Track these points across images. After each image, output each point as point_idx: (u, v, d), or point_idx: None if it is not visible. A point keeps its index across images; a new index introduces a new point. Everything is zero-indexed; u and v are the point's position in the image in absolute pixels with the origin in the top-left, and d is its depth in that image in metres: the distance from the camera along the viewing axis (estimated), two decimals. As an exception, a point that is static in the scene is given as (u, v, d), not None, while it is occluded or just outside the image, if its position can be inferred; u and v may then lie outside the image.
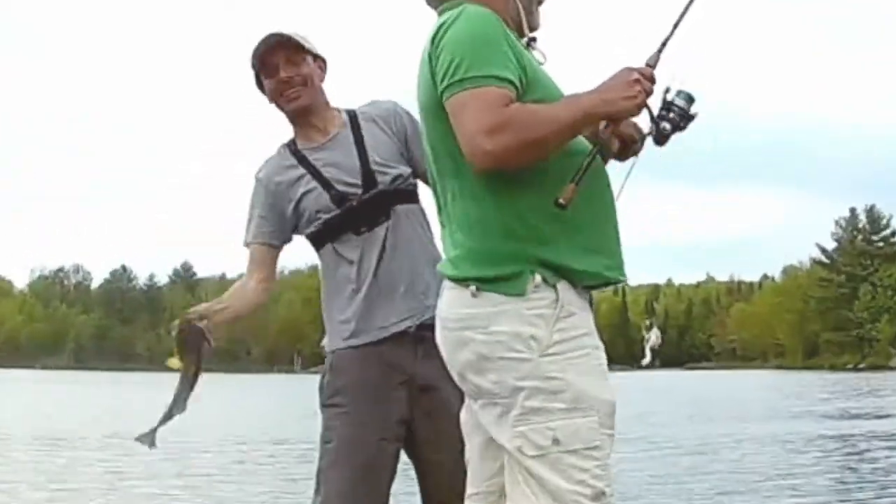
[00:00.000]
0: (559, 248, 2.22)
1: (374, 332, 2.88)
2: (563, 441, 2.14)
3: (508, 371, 2.15)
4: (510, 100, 2.12)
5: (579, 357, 2.19)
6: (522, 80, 2.18)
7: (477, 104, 2.11)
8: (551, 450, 2.14)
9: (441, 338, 2.30)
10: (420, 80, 2.32)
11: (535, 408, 2.14)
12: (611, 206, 2.35)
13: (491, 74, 2.12)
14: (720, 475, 11.69)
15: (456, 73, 2.14)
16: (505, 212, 2.20)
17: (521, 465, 2.18)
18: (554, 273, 2.20)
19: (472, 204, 2.23)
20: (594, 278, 2.27)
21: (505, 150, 2.09)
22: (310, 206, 2.97)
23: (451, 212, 2.29)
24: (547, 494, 2.15)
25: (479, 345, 2.18)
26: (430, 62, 2.24)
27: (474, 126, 2.10)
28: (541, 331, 2.15)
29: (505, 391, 2.16)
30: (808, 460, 13.29)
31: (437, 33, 2.23)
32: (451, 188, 2.28)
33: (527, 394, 2.14)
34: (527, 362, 2.14)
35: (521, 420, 2.15)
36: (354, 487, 2.87)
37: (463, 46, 2.16)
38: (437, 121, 2.26)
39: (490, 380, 2.18)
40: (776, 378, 57.88)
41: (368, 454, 2.88)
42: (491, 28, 2.19)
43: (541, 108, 2.17)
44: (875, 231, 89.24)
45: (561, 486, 2.14)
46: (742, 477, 11.47)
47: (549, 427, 2.13)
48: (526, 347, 2.14)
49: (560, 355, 2.16)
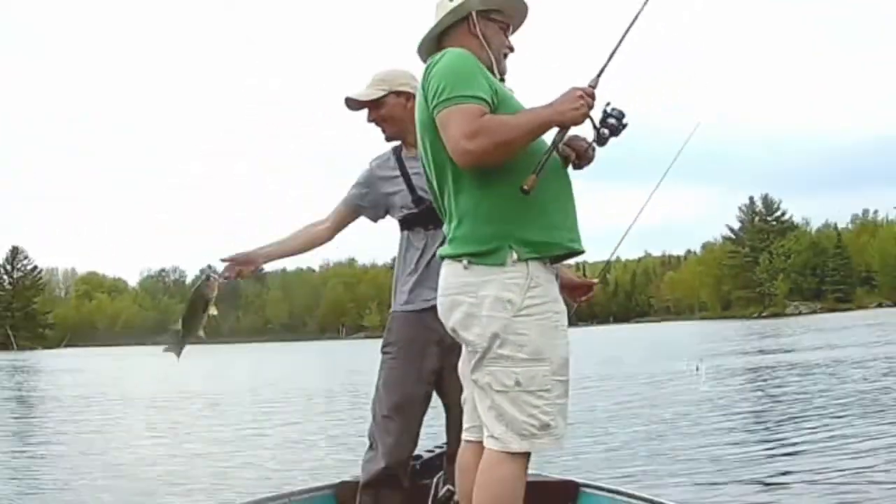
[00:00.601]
0: (530, 226, 2.22)
1: (419, 303, 2.91)
2: (523, 383, 2.16)
3: (488, 326, 2.17)
4: (484, 112, 2.15)
5: (542, 319, 2.20)
6: (494, 99, 2.21)
7: (459, 116, 2.14)
8: (513, 388, 2.17)
9: (440, 302, 2.31)
10: (418, 107, 2.35)
11: (504, 355, 2.16)
12: (568, 191, 2.36)
13: (468, 94, 2.16)
14: (667, 404, 11.46)
15: (443, 94, 2.17)
16: (486, 202, 2.23)
17: (488, 397, 2.19)
18: (527, 247, 2.20)
19: (462, 198, 2.25)
20: (560, 248, 2.29)
21: (482, 150, 2.12)
22: (398, 200, 3.02)
23: (449, 208, 2.30)
24: (504, 423, 2.16)
25: (468, 306, 2.20)
26: (423, 90, 2.28)
27: (458, 132, 2.13)
28: (515, 296, 2.17)
29: (484, 341, 2.17)
30: (729, 385, 13.39)
31: (427, 68, 2.28)
32: (448, 190, 2.28)
33: (499, 343, 2.16)
34: (502, 320, 2.15)
35: (492, 362, 2.18)
36: (392, 416, 2.94)
37: (447, 75, 2.21)
38: (432, 137, 2.27)
39: (474, 333, 2.20)
40: (701, 327, 58.04)
41: (404, 393, 2.93)
42: (468, 61, 2.24)
43: (508, 118, 2.20)
44: (769, 213, 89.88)
45: (516, 418, 2.16)
46: (675, 403, 11.43)
47: (514, 371, 2.16)
48: (503, 309, 2.16)
49: (528, 317, 2.18)
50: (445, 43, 2.37)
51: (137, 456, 8.29)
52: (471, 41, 2.34)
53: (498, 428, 2.18)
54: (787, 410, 9.72)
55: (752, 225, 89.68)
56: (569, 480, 3.33)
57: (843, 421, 8.27)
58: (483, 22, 2.35)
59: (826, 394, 10.92)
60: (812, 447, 6.87)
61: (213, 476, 6.55)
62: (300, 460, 7.31)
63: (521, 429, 2.17)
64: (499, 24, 2.40)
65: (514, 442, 2.16)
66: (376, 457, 2.90)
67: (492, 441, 2.19)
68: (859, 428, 7.72)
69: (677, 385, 14.16)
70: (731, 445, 7.49)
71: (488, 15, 2.37)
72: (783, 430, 8.17)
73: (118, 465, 7.77)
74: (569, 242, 2.30)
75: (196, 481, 6.28)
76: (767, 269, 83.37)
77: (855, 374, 13.36)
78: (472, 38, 2.35)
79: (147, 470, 7.35)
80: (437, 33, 2.39)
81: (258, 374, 25.90)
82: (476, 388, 2.25)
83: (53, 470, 7.60)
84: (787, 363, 17.26)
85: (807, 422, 8.46)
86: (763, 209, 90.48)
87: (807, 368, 15.40)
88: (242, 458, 7.79)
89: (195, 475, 6.57)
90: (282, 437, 9.54)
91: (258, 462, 7.55)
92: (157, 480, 6.54)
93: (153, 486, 6.20)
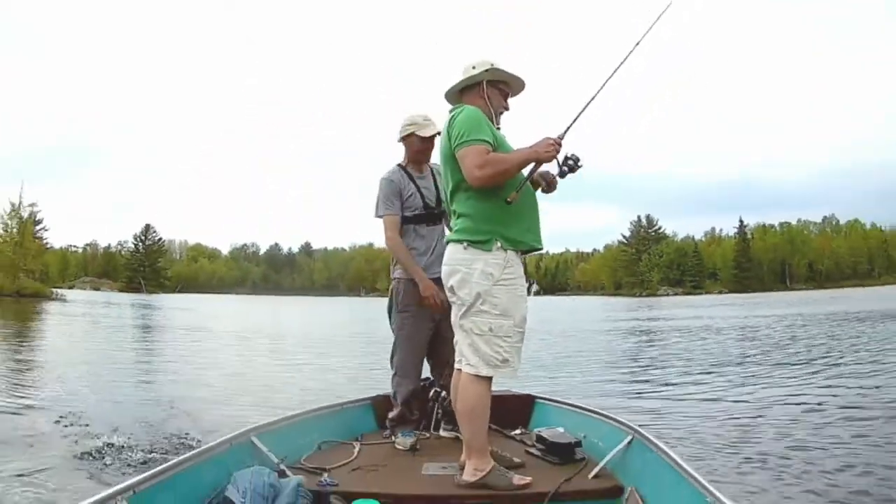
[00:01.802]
0: (511, 227, 2.27)
1: (430, 275, 2.83)
2: (494, 330, 2.20)
3: (475, 288, 2.21)
4: (489, 151, 2.22)
5: (511, 289, 2.24)
6: (494, 142, 2.25)
7: (473, 152, 2.21)
8: (486, 333, 2.21)
9: (444, 270, 2.32)
10: (442, 142, 2.36)
11: (483, 310, 2.21)
12: (536, 206, 2.39)
13: (479, 138, 2.22)
14: (583, 343, 12.10)
15: (462, 137, 2.23)
16: (481, 207, 2.26)
17: (469, 337, 2.24)
18: (507, 241, 2.25)
19: (465, 204, 2.28)
20: (527, 245, 2.32)
21: (488, 176, 2.21)
22: (411, 203, 2.92)
23: (456, 208, 2.33)
24: (478, 356, 2.21)
25: (463, 273, 2.23)
26: (447, 131, 2.30)
27: (471, 164, 2.21)
28: (496, 272, 2.22)
29: (470, 298, 2.21)
30: (620, 342, 13.43)
31: (451, 117, 2.31)
32: (456, 196, 2.32)
33: (481, 301, 2.21)
34: (485, 286, 2.21)
35: (475, 314, 2.22)
36: (409, 355, 2.92)
37: (464, 124, 2.25)
38: (452, 164, 2.30)
39: (464, 291, 2.23)
40: (601, 301, 58.21)
41: (419, 338, 2.92)
42: (478, 115, 2.28)
43: (505, 155, 2.26)
44: (650, 227, 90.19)
45: (487, 353, 2.21)
46: (587, 343, 11.78)
47: (489, 321, 2.21)
48: (486, 278, 2.21)
49: (502, 286, 2.22)
50: (464, 96, 2.41)
51: (222, 371, 8.16)
52: (479, 100, 2.37)
53: (473, 358, 2.23)
54: (653, 353, 10.08)
55: (638, 234, 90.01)
56: (527, 394, 3.27)
57: (693, 363, 8.42)
58: (490, 89, 2.38)
59: (682, 346, 11.06)
60: (667, 377, 7.05)
61: (277, 390, 6.37)
62: (339, 382, 7.15)
63: (488, 360, 2.21)
64: (501, 91, 2.41)
65: (483, 369, 2.21)
66: (404, 381, 2.90)
67: (468, 367, 2.24)
68: (704, 368, 7.89)
69: (588, 334, 14.46)
70: (619, 369, 7.92)
71: (496, 84, 2.39)
72: (653, 364, 8.47)
73: (208, 374, 7.68)
74: (534, 242, 2.34)
75: (263, 393, 6.07)
76: (647, 264, 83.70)
77: (703, 335, 13.50)
78: (480, 98, 2.38)
79: (227, 380, 7.23)
80: (459, 89, 2.42)
81: (308, 319, 25.67)
82: (461, 331, 2.28)
83: (168, 376, 7.50)
84: (657, 326, 17.39)
85: (665, 361, 8.74)
86: (646, 224, 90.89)
87: (671, 330, 15.57)
88: (301, 377, 7.62)
89: (265, 389, 6.39)
90: (325, 362, 9.40)
91: (312, 379, 7.40)
92: (236, 390, 6.39)
93: (230, 395, 6.03)
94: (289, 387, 6.67)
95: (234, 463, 2.18)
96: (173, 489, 1.90)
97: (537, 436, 2.61)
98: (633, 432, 2.37)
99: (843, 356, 8.41)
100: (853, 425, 4.43)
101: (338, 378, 7.53)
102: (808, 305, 25.10)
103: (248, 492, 1.96)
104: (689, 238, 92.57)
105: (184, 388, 6.40)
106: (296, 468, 2.37)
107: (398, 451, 2.70)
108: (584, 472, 2.28)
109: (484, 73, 2.35)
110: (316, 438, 2.72)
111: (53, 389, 5.96)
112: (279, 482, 2.08)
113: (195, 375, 7.52)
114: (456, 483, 2.24)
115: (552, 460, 2.46)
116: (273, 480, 2.06)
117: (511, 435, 2.88)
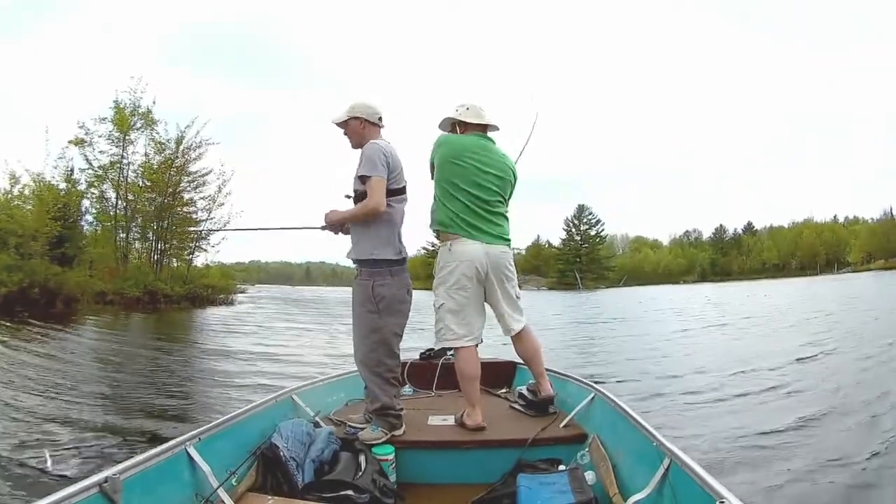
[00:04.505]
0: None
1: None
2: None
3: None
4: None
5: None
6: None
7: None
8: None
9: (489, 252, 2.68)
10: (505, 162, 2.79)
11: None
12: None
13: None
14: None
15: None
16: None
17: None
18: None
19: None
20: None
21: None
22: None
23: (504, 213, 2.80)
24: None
25: (510, 257, 2.74)
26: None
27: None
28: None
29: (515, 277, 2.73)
30: (561, 329, 13.76)
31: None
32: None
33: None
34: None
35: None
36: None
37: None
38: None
39: (511, 270, 2.72)
40: (543, 292, 59.38)
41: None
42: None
43: None
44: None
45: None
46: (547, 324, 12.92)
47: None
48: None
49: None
50: (457, 127, 2.86)
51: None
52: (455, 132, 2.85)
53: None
54: (591, 329, 11.38)
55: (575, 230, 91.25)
56: (510, 361, 3.55)
57: (628, 336, 9.58)
58: (461, 125, 2.84)
59: (618, 326, 12.12)
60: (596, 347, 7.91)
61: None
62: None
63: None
64: (469, 126, 2.84)
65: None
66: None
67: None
68: (634, 344, 8.88)
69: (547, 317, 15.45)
70: (570, 343, 9.12)
71: (464, 123, 2.83)
72: (593, 338, 9.63)
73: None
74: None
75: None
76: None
77: (639, 320, 14.53)
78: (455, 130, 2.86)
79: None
80: (449, 123, 2.87)
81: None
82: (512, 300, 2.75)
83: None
84: (600, 316, 18.00)
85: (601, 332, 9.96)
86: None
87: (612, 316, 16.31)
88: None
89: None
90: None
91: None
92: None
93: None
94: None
95: (279, 416, 2.53)
96: (230, 437, 2.17)
97: (519, 394, 2.92)
98: (595, 391, 2.64)
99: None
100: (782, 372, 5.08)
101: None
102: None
103: (290, 439, 2.27)
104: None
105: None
106: (328, 420, 2.74)
107: (409, 406, 2.88)
108: (556, 423, 2.56)
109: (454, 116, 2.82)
110: (344, 397, 3.12)
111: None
112: (314, 431, 2.43)
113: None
114: (454, 428, 2.58)
115: (531, 413, 2.76)
116: (310, 430, 2.41)
117: (497, 393, 3.26)
